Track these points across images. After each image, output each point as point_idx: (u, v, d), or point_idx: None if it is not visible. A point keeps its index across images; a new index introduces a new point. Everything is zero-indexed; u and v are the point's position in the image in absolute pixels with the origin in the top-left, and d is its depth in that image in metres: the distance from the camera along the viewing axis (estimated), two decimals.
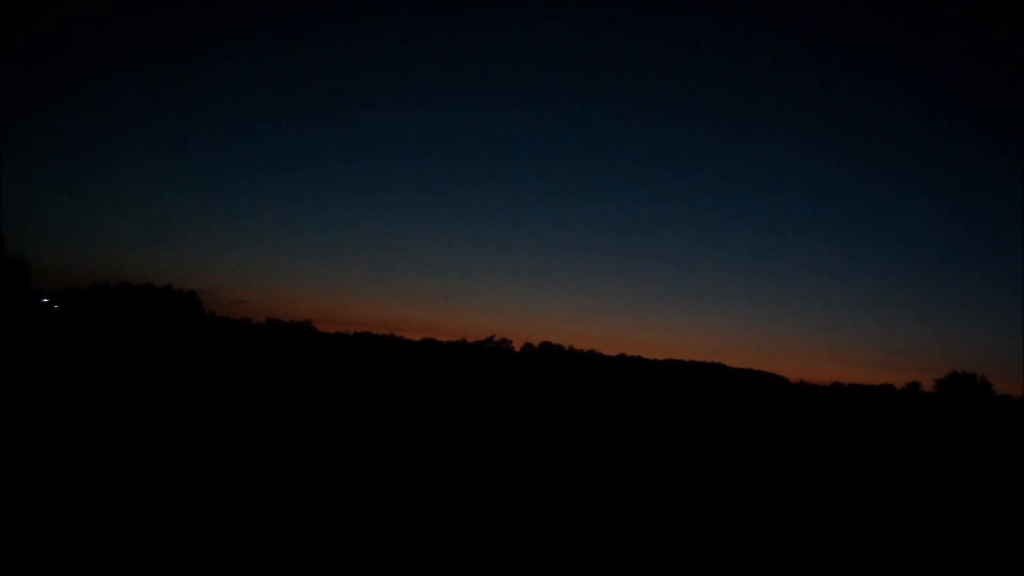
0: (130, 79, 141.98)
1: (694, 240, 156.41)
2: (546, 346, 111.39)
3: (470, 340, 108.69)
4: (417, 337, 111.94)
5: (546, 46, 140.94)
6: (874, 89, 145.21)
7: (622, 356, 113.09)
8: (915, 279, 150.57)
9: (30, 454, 10.63)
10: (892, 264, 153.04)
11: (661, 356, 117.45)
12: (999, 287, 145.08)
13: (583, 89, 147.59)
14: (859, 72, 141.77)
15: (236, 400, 19.99)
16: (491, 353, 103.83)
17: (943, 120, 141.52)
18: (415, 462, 13.12)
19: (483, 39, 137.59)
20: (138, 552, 7.00)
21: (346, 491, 10.21)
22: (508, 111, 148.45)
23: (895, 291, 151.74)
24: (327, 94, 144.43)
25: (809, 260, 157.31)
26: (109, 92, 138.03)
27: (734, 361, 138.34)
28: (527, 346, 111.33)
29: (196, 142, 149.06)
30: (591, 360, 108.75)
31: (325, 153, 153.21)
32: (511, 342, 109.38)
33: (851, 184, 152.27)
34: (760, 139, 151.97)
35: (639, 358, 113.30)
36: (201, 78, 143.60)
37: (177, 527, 7.81)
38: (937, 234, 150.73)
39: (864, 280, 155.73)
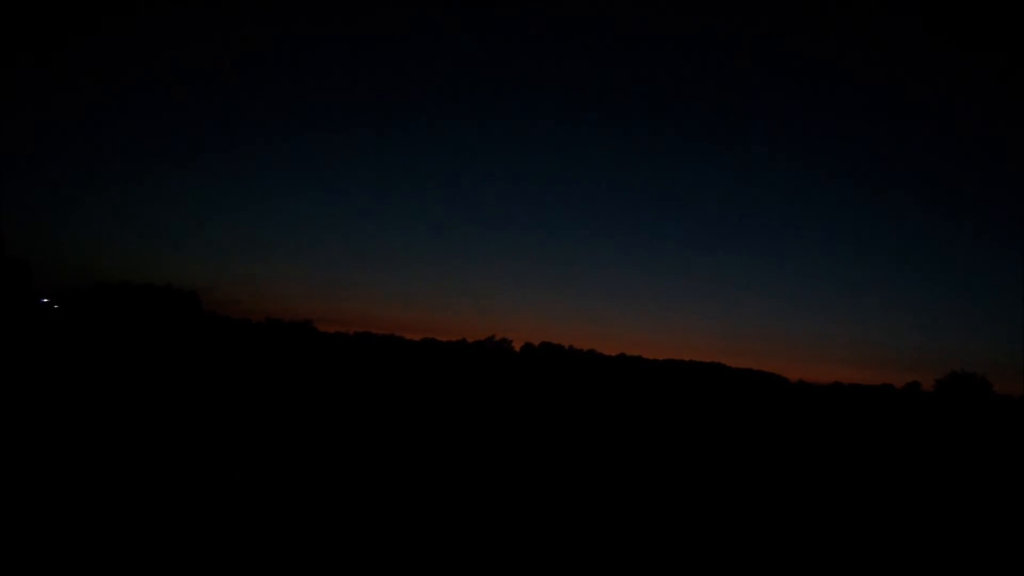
0: (131, 79, 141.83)
1: (694, 240, 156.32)
2: (546, 346, 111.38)
3: (470, 340, 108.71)
4: (417, 337, 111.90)
5: (545, 51, 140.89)
6: (875, 87, 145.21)
7: (622, 356, 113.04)
8: (916, 279, 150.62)
9: (31, 454, 10.63)
10: (892, 264, 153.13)
11: (661, 356, 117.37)
12: (999, 287, 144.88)
13: (583, 91, 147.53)
14: (860, 70, 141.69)
15: (236, 400, 19.99)
16: (491, 353, 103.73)
17: (942, 119, 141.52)
18: (415, 462, 13.12)
19: (484, 42, 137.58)
20: (138, 551, 7.01)
21: (346, 491, 10.22)
22: (509, 112, 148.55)
23: (895, 291, 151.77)
24: (328, 95, 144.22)
25: (809, 260, 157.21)
26: (109, 92, 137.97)
27: (734, 361, 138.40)
28: (527, 346, 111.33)
29: (197, 142, 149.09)
30: (591, 360, 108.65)
31: (325, 153, 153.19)
32: (511, 342, 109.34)
33: (851, 184, 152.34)
34: (760, 139, 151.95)
35: (639, 358, 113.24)
36: (201, 78, 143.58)
37: (177, 527, 7.82)
38: (937, 234, 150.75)
39: (864, 280, 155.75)
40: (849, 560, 9.38)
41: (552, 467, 14.13)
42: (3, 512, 7.80)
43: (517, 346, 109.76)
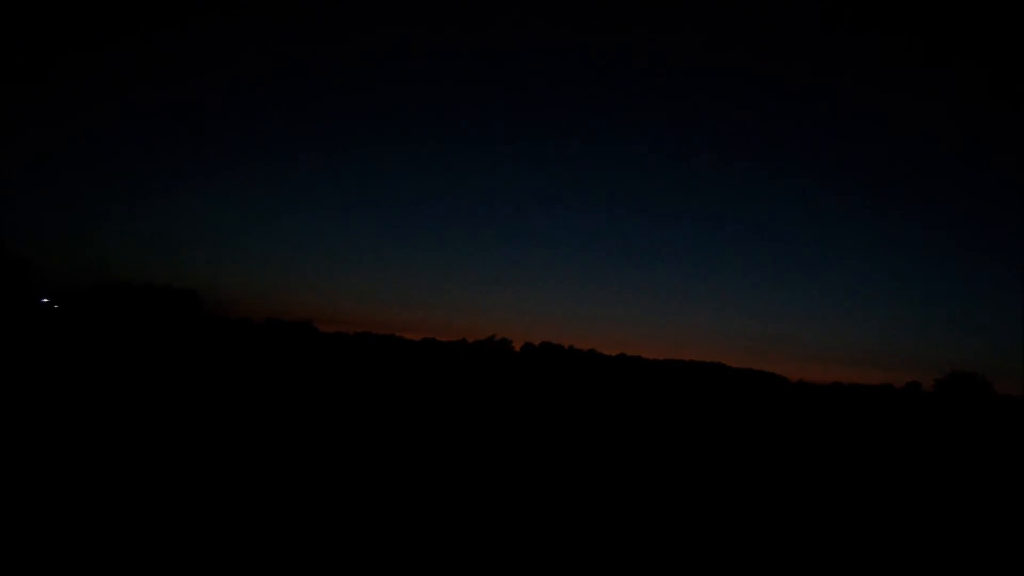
0: (131, 79, 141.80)
1: (694, 240, 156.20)
2: (546, 346, 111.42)
3: (470, 340, 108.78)
4: (417, 337, 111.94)
5: (543, 54, 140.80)
6: (878, 87, 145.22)
7: (622, 356, 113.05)
8: (915, 279, 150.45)
9: (31, 454, 10.63)
10: (892, 264, 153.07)
11: (661, 356, 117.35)
12: (999, 287, 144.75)
13: (581, 92, 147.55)
14: (860, 70, 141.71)
15: (236, 400, 19.98)
16: (491, 353, 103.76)
17: (942, 119, 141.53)
18: (416, 462, 13.11)
19: (484, 44, 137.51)
20: (138, 552, 7.00)
21: (346, 491, 10.21)
22: (509, 112, 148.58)
23: (895, 291, 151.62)
24: (327, 96, 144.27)
25: (809, 260, 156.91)
26: (111, 93, 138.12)
27: (734, 361, 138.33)
28: (527, 346, 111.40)
29: (197, 142, 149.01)
30: (591, 360, 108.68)
31: (326, 156, 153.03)
32: (511, 342, 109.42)
33: (850, 184, 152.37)
34: (760, 139, 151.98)
35: (639, 358, 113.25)
36: (202, 81, 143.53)
37: (177, 528, 7.81)
38: (937, 234, 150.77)
39: (864, 280, 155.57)
40: (850, 560, 9.37)
41: (553, 467, 14.12)
42: (3, 512, 7.79)
43: (517, 346, 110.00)
